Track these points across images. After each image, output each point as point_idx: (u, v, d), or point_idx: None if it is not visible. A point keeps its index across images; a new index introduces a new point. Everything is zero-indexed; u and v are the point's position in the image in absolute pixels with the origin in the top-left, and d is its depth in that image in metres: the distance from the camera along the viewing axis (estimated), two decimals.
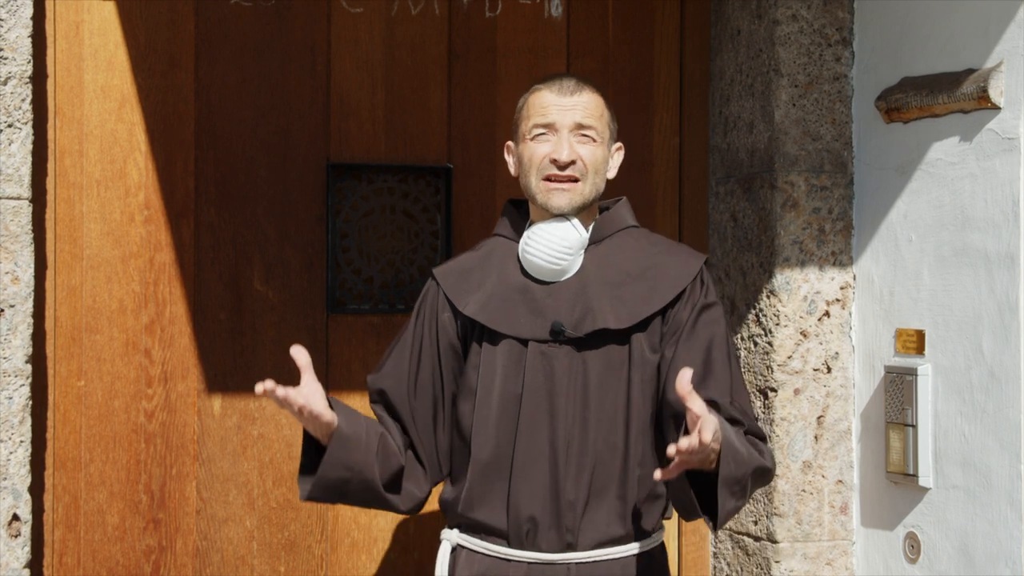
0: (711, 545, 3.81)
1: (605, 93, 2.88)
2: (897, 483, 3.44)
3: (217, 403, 3.46)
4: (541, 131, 2.80)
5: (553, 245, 2.78)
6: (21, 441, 3.08)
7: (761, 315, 3.61)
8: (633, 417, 2.78)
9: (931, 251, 3.35)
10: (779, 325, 3.56)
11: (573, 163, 2.78)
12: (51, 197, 3.33)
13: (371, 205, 3.58)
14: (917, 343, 3.38)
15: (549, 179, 2.78)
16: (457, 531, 2.84)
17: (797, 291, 3.56)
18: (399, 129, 3.59)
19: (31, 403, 3.11)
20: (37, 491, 3.27)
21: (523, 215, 2.91)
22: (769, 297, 3.58)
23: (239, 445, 3.47)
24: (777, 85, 3.57)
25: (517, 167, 2.87)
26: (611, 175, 2.88)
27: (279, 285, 3.50)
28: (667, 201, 3.79)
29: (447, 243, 3.59)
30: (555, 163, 2.77)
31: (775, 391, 3.56)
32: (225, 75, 3.47)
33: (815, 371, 3.58)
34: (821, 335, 3.58)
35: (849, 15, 3.60)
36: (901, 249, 3.44)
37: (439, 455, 2.88)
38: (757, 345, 3.62)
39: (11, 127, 3.07)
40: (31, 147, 3.11)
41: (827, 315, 3.59)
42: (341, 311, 3.54)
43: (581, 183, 2.79)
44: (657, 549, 2.86)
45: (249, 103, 3.49)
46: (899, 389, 3.39)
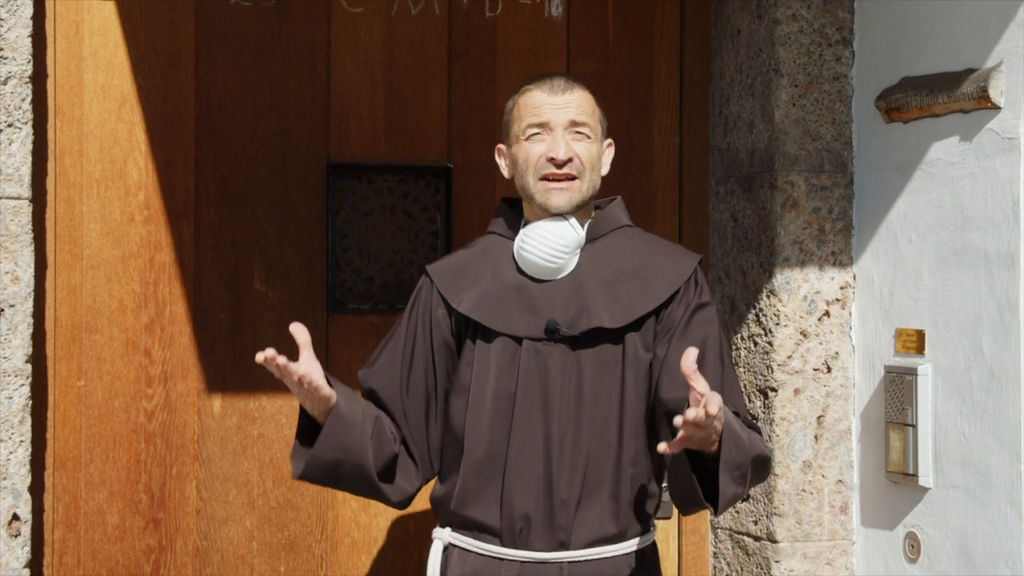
0: (711, 545, 3.81)
1: (596, 91, 2.88)
2: (897, 483, 3.44)
3: (217, 403, 3.46)
4: (535, 131, 2.79)
5: (551, 243, 2.78)
6: (21, 441, 3.08)
7: (761, 315, 3.61)
8: (626, 416, 2.78)
9: (931, 251, 3.35)
10: (779, 325, 3.56)
11: (570, 161, 2.78)
12: (51, 197, 3.33)
13: (371, 205, 3.58)
14: (917, 343, 3.38)
15: (547, 178, 2.78)
16: (449, 530, 2.84)
17: (797, 291, 3.57)
18: (399, 129, 3.59)
19: (31, 403, 3.11)
20: (37, 491, 3.27)
21: (517, 213, 2.91)
22: (769, 297, 3.58)
23: (239, 445, 3.47)
24: (777, 85, 3.57)
25: (511, 169, 2.87)
26: (604, 171, 2.89)
27: (279, 285, 3.50)
28: (667, 201, 3.79)
29: (447, 243, 3.59)
30: (552, 162, 2.77)
31: (775, 391, 3.56)
32: (225, 75, 3.47)
33: (815, 371, 3.58)
34: (821, 335, 3.58)
35: (849, 15, 3.60)
36: (901, 249, 3.44)
37: (430, 452, 2.87)
38: (757, 345, 3.62)
39: (11, 127, 3.07)
40: (31, 147, 3.11)
41: (827, 315, 3.59)
42: (341, 311, 3.54)
43: (579, 180, 2.79)
44: (649, 548, 2.86)
45: (249, 103, 3.49)
46: (899, 389, 3.39)
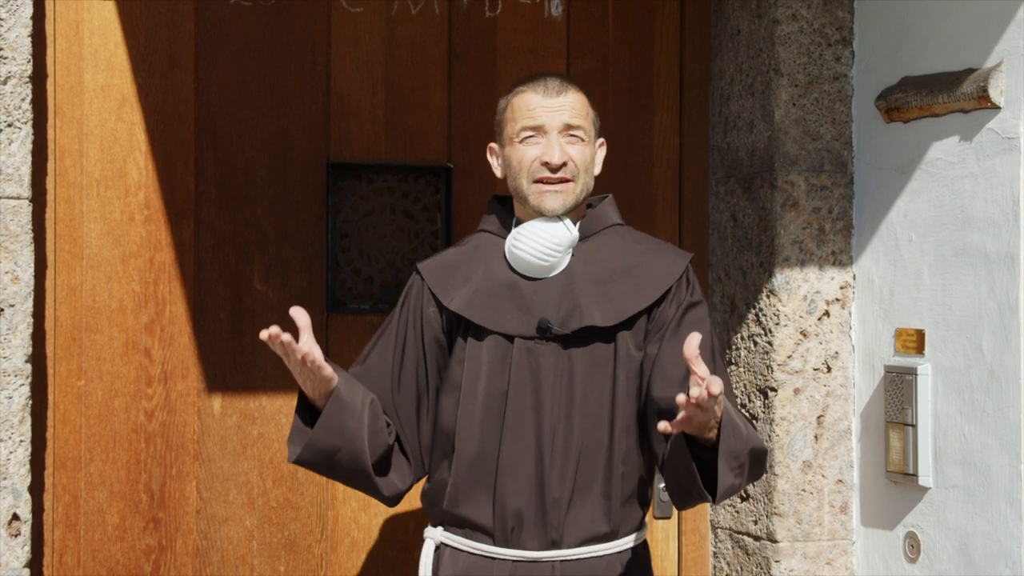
0: (711, 545, 3.81)
1: (596, 91, 2.88)
2: (897, 483, 3.44)
3: (217, 403, 3.46)
4: (529, 134, 2.79)
5: (543, 242, 2.78)
6: (21, 441, 3.08)
7: (761, 315, 3.61)
8: (618, 414, 2.79)
9: (931, 251, 3.35)
10: (779, 325, 3.56)
11: (565, 165, 2.77)
12: (51, 197, 3.33)
13: (371, 205, 3.58)
14: (917, 343, 3.38)
15: (541, 181, 2.78)
16: (441, 529, 2.83)
17: (797, 291, 3.56)
18: (399, 129, 3.59)
19: (31, 403, 3.11)
20: (37, 490, 3.27)
21: (508, 211, 2.90)
22: (769, 297, 3.58)
23: (239, 445, 3.47)
24: (777, 85, 3.57)
25: (503, 169, 2.86)
26: (597, 171, 2.88)
27: (279, 285, 3.50)
28: (667, 201, 3.79)
29: (447, 243, 3.59)
30: (547, 166, 2.77)
31: (775, 391, 3.56)
32: (225, 75, 3.47)
33: (815, 371, 3.58)
34: (821, 335, 3.58)
35: (849, 15, 3.60)
36: (901, 249, 3.44)
37: (422, 450, 2.86)
38: (757, 345, 3.62)
39: (11, 127, 3.07)
40: (31, 147, 3.11)
41: (827, 315, 3.59)
42: (341, 311, 3.54)
43: (573, 183, 2.79)
44: (640, 546, 2.86)
45: (249, 103, 3.49)
46: (899, 389, 3.39)
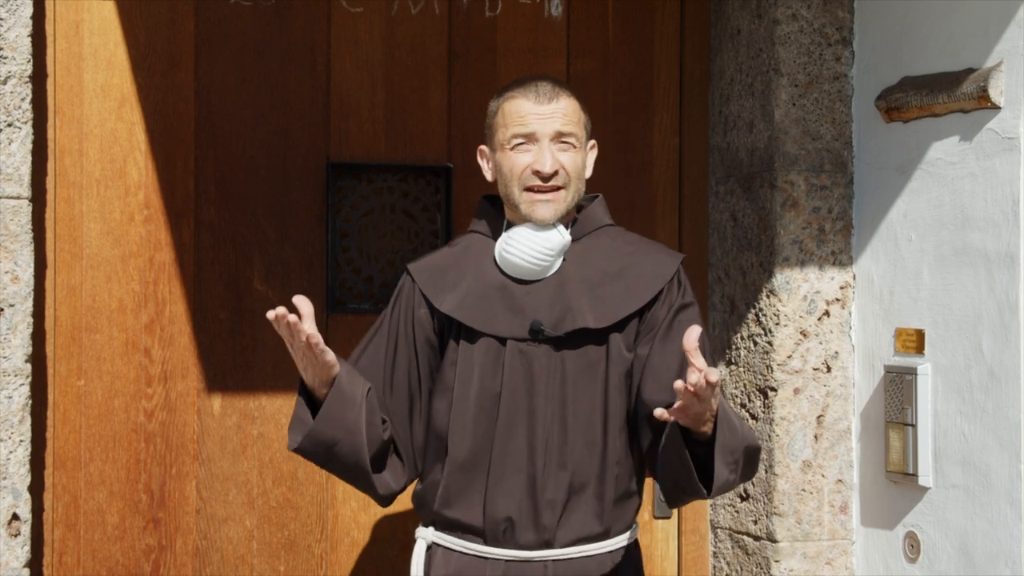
0: (711, 545, 3.81)
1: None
2: (897, 482, 3.44)
3: (217, 402, 3.46)
4: (520, 141, 2.77)
5: (536, 247, 2.77)
6: (21, 440, 3.08)
7: (761, 314, 3.61)
8: (610, 416, 2.79)
9: (931, 251, 3.35)
10: (779, 324, 3.56)
11: (556, 173, 2.76)
12: (51, 196, 3.33)
13: (371, 204, 3.58)
14: (917, 342, 3.38)
15: (532, 190, 2.77)
16: (432, 529, 2.83)
17: (797, 291, 3.56)
18: (399, 129, 3.59)
19: (31, 402, 3.11)
20: (37, 490, 3.27)
21: (499, 211, 2.89)
22: (769, 296, 3.58)
23: (239, 444, 3.47)
24: (777, 84, 3.57)
25: (494, 173, 2.85)
26: (588, 174, 2.87)
27: (279, 284, 3.50)
28: (667, 201, 3.79)
29: (447, 242, 3.59)
30: (538, 174, 2.75)
31: (775, 390, 3.56)
32: (225, 75, 3.47)
33: (815, 370, 3.58)
34: (821, 334, 3.58)
35: (849, 14, 3.60)
36: (901, 249, 3.44)
37: (414, 451, 2.86)
38: (757, 344, 3.62)
39: (11, 126, 3.07)
40: (31, 146, 3.11)
41: (827, 314, 3.59)
42: (341, 310, 3.54)
43: (564, 191, 2.78)
44: (632, 545, 2.86)
45: (249, 103, 3.49)
46: (899, 388, 3.39)
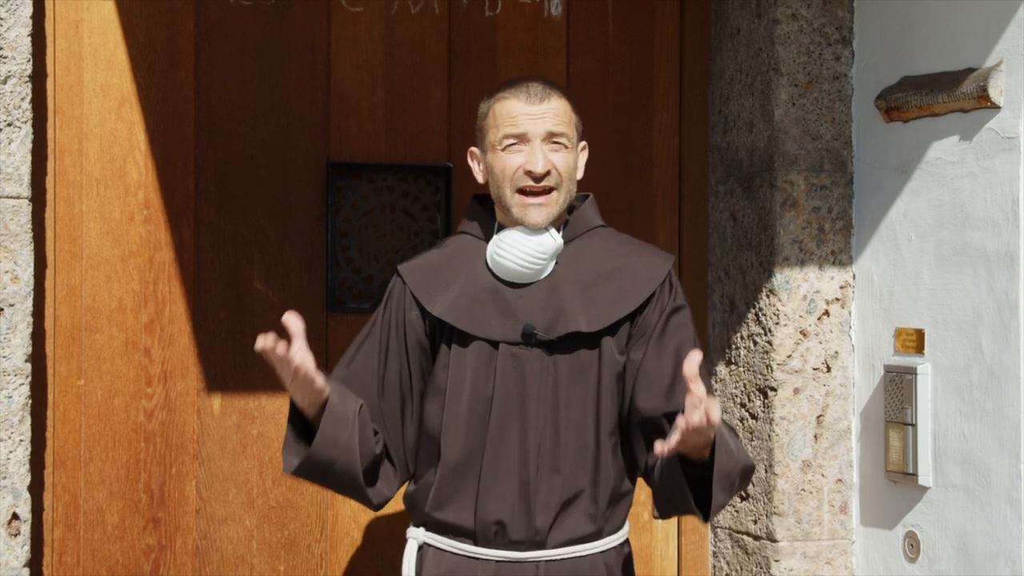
0: (711, 544, 3.81)
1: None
2: (896, 482, 3.44)
3: (217, 402, 3.46)
4: (512, 141, 2.76)
5: (528, 251, 2.76)
6: (21, 440, 3.08)
7: (761, 314, 3.61)
8: (603, 418, 2.79)
9: (931, 250, 3.35)
10: (779, 324, 3.56)
11: (548, 173, 2.75)
12: (51, 196, 3.33)
13: (371, 204, 3.58)
14: (917, 342, 3.38)
15: (524, 192, 2.76)
16: (423, 529, 2.83)
17: (797, 290, 3.56)
18: (399, 128, 3.59)
19: (31, 402, 3.11)
20: (37, 490, 3.27)
21: (489, 212, 2.88)
22: (769, 296, 3.58)
23: (239, 444, 3.47)
24: (777, 84, 3.57)
25: (486, 175, 2.84)
26: (579, 176, 2.86)
27: (279, 284, 3.50)
28: (667, 201, 3.79)
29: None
30: (530, 175, 2.74)
31: (775, 390, 3.56)
32: (225, 75, 3.47)
33: (815, 370, 3.58)
34: (821, 334, 3.58)
35: (849, 14, 3.60)
36: (901, 248, 3.44)
37: (406, 454, 2.86)
38: (756, 344, 3.62)
39: (11, 126, 3.07)
40: (31, 146, 3.11)
41: (827, 314, 3.59)
42: (341, 310, 3.54)
43: (556, 192, 2.77)
44: (624, 545, 2.86)
45: (249, 103, 3.49)
46: (899, 388, 3.39)
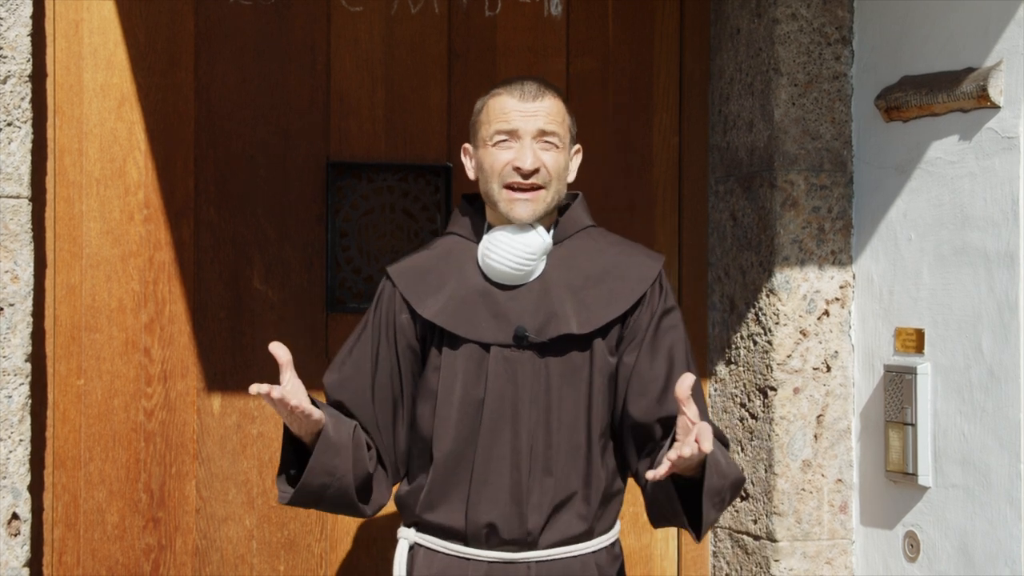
0: (711, 544, 3.81)
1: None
2: (896, 482, 3.44)
3: (216, 402, 3.46)
4: (503, 137, 2.76)
5: (517, 251, 2.75)
6: (20, 440, 3.08)
7: (760, 314, 3.61)
8: (594, 420, 2.79)
9: (931, 250, 3.35)
10: (778, 324, 3.56)
11: (537, 171, 2.74)
12: (50, 196, 3.33)
13: (371, 204, 3.58)
14: (916, 342, 3.38)
15: (511, 187, 2.75)
16: (414, 530, 2.83)
17: (796, 290, 3.56)
18: (399, 128, 3.59)
19: (30, 402, 3.11)
20: (36, 490, 3.27)
21: (478, 211, 2.88)
22: (768, 296, 3.58)
23: (238, 444, 3.47)
24: (777, 84, 3.57)
25: (476, 171, 2.84)
26: (571, 179, 2.86)
27: (279, 284, 3.50)
28: (667, 200, 3.79)
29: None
30: (518, 171, 2.74)
31: (774, 390, 3.56)
32: (225, 74, 3.47)
33: (815, 370, 3.58)
34: (820, 334, 3.58)
35: (849, 14, 3.60)
36: (901, 248, 3.44)
37: (397, 457, 2.86)
38: (756, 344, 3.62)
39: (10, 126, 3.07)
40: (30, 146, 3.11)
41: (826, 314, 3.59)
42: (341, 310, 3.54)
43: (544, 191, 2.76)
44: (615, 545, 2.87)
45: (249, 102, 3.49)
46: (898, 388, 3.39)
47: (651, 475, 2.52)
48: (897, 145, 3.46)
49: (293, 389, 2.63)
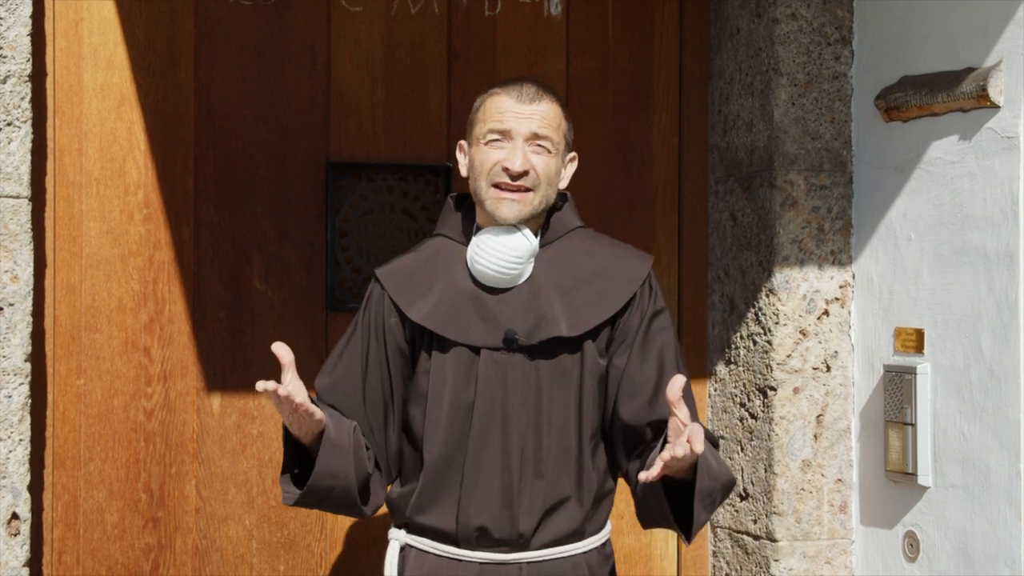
0: (710, 544, 3.81)
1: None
2: (896, 482, 3.44)
3: (216, 402, 3.46)
4: (495, 137, 2.74)
5: (502, 255, 2.74)
6: (20, 440, 3.08)
7: (760, 314, 3.61)
8: (585, 422, 2.78)
9: (930, 250, 3.35)
10: (778, 324, 3.56)
11: (526, 173, 2.73)
12: (50, 196, 3.33)
13: (371, 204, 3.58)
14: (916, 342, 3.38)
15: (499, 187, 2.73)
16: (405, 531, 2.82)
17: (796, 290, 3.57)
18: (399, 128, 3.59)
19: (30, 402, 3.11)
20: (36, 489, 3.27)
21: (467, 212, 2.87)
22: (768, 296, 3.58)
23: (238, 444, 3.47)
24: (776, 84, 3.57)
25: (468, 169, 2.82)
26: (563, 185, 2.84)
27: (278, 284, 3.50)
28: (667, 200, 3.79)
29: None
30: (507, 172, 2.72)
31: (774, 390, 3.56)
32: (225, 74, 3.47)
33: (814, 370, 3.58)
34: (820, 334, 3.58)
35: (848, 14, 3.60)
36: (900, 248, 3.44)
37: (389, 458, 2.85)
38: (756, 344, 3.62)
39: (10, 125, 3.07)
40: (30, 145, 3.11)
41: (826, 314, 3.59)
42: (341, 310, 3.54)
43: (532, 194, 2.74)
44: (606, 545, 2.86)
45: (249, 102, 3.49)
46: (898, 388, 3.39)
47: (643, 476, 2.52)
48: (897, 145, 3.46)
49: (296, 389, 2.63)
